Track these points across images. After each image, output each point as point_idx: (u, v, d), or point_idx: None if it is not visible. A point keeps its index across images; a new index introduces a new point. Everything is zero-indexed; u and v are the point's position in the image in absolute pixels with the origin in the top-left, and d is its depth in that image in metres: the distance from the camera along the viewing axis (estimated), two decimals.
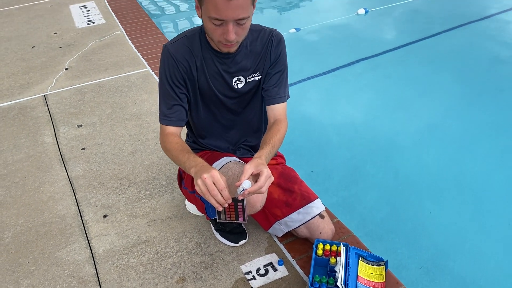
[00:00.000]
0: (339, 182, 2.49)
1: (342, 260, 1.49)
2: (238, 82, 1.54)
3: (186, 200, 1.95)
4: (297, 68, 3.42)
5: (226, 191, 1.27)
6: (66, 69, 3.35)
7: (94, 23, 4.19)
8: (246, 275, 1.64)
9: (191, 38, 1.49)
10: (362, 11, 4.59)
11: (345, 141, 2.82)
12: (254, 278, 1.63)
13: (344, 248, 1.54)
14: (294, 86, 3.30)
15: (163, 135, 1.53)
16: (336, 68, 3.59)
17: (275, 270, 1.66)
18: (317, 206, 1.65)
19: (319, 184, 2.42)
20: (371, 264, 1.53)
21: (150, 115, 2.71)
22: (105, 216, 1.98)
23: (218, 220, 1.40)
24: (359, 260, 1.53)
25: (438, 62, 3.66)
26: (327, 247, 1.57)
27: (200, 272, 1.67)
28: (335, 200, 2.33)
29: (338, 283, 1.42)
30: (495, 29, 4.23)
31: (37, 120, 2.74)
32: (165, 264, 1.72)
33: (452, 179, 2.46)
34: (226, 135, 1.69)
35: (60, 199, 2.10)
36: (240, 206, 1.35)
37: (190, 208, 1.95)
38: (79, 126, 2.64)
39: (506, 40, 4.00)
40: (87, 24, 4.18)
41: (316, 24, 4.39)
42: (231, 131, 1.68)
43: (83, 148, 2.45)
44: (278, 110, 1.56)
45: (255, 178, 1.31)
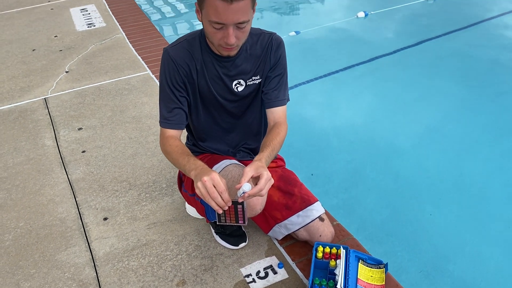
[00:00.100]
0: (339, 185, 2.49)
1: (342, 263, 1.49)
2: (238, 86, 1.55)
3: (186, 203, 1.95)
4: (297, 71, 3.43)
5: (226, 194, 1.27)
6: (67, 72, 3.35)
7: (95, 26, 4.20)
8: (246, 278, 1.64)
9: (191, 41, 1.49)
10: (362, 14, 4.60)
11: (345, 144, 2.82)
12: (254, 281, 1.63)
13: (344, 251, 1.55)
14: (294, 89, 3.31)
15: (163, 138, 1.54)
16: (336, 71, 3.60)
17: (275, 273, 1.66)
18: (317, 209, 1.65)
19: (319, 186, 2.43)
20: (371, 267, 1.53)
21: (150, 118, 2.71)
22: (105, 219, 1.98)
23: (218, 223, 1.40)
24: (359, 263, 1.54)
25: (437, 65, 3.67)
26: (327, 250, 1.57)
27: (200, 275, 1.67)
28: (335, 203, 2.33)
29: (338, 286, 1.42)
30: (494, 32, 4.24)
31: (37, 123, 2.75)
32: (165, 267, 1.72)
33: (451, 182, 2.46)
34: (226, 138, 1.69)
35: (60, 202, 2.10)
36: (240, 208, 1.35)
37: (190, 211, 1.95)
38: (80, 129, 2.65)
39: (506, 43, 4.01)
40: (88, 27, 4.19)
41: (316, 27, 4.40)
42: (231, 134, 1.68)
43: (84, 151, 2.45)
44: (278, 113, 1.57)
45: (255, 181, 1.32)
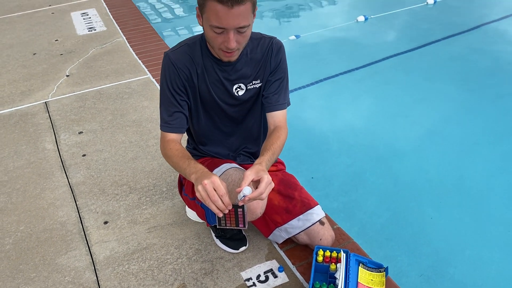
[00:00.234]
0: (339, 188, 2.49)
1: (342, 266, 1.49)
2: (238, 90, 1.55)
3: (187, 206, 1.95)
4: (297, 75, 3.43)
5: (226, 197, 1.28)
6: (67, 76, 3.36)
7: (95, 30, 4.22)
8: (247, 282, 1.64)
9: (192, 46, 1.50)
10: (361, 18, 4.61)
11: (345, 147, 2.82)
12: (254, 284, 1.63)
13: (344, 254, 1.55)
14: (294, 92, 3.31)
15: (163, 142, 1.54)
16: (336, 75, 3.61)
17: (276, 276, 1.66)
18: (317, 213, 1.65)
19: (319, 190, 2.43)
20: (371, 271, 1.53)
21: (151, 122, 2.72)
22: (105, 222, 1.98)
23: (218, 227, 1.40)
24: (359, 267, 1.54)
25: (437, 69, 3.67)
26: (327, 253, 1.57)
27: (201, 279, 1.67)
28: (335, 206, 2.33)
29: None
30: (494, 35, 4.25)
31: (38, 126, 2.75)
32: (165, 271, 1.72)
33: (452, 185, 2.46)
34: (227, 142, 1.69)
35: (60, 205, 2.10)
36: (240, 212, 1.35)
37: (191, 214, 1.95)
38: (80, 133, 2.65)
39: (505, 46, 4.02)
40: (88, 31, 4.20)
41: (316, 31, 4.41)
42: (231, 138, 1.69)
43: (84, 155, 2.45)
44: (278, 117, 1.57)
45: (256, 185, 1.32)
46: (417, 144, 2.81)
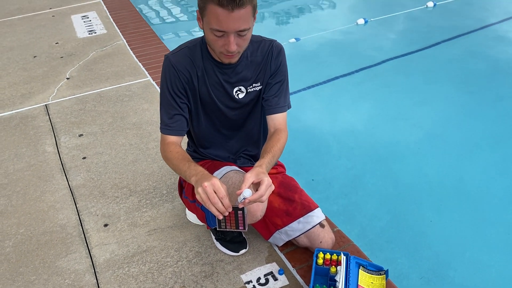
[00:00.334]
0: (339, 190, 2.49)
1: (342, 269, 1.49)
2: (239, 92, 1.56)
3: (187, 209, 1.95)
4: (297, 78, 3.42)
5: (226, 199, 1.28)
6: (68, 78, 3.37)
7: (96, 33, 4.22)
8: (247, 285, 1.64)
9: (192, 48, 1.50)
10: (361, 21, 4.62)
11: (345, 150, 2.82)
12: (254, 287, 1.63)
13: (345, 257, 1.55)
14: (294, 95, 3.31)
15: (163, 145, 1.54)
16: (336, 78, 3.61)
17: (276, 279, 1.66)
18: (317, 215, 1.66)
19: (319, 192, 2.43)
20: (372, 273, 1.53)
21: (151, 125, 2.72)
22: (105, 225, 1.98)
23: (218, 229, 1.40)
24: (360, 269, 1.53)
25: (437, 72, 3.68)
26: (328, 256, 1.57)
27: (201, 282, 1.67)
28: (335, 209, 2.33)
29: None
30: (494, 38, 4.25)
31: (38, 129, 2.76)
32: (165, 274, 1.72)
33: (452, 187, 2.46)
34: (227, 145, 1.70)
35: (61, 208, 2.11)
36: (240, 214, 1.35)
37: (191, 217, 1.95)
38: (80, 136, 2.65)
39: (505, 49, 4.03)
40: (89, 34, 4.21)
41: (316, 34, 4.41)
42: (231, 140, 1.69)
43: (84, 157, 2.45)
44: (278, 120, 1.57)
45: (256, 187, 1.32)
46: (417, 146, 2.81)
